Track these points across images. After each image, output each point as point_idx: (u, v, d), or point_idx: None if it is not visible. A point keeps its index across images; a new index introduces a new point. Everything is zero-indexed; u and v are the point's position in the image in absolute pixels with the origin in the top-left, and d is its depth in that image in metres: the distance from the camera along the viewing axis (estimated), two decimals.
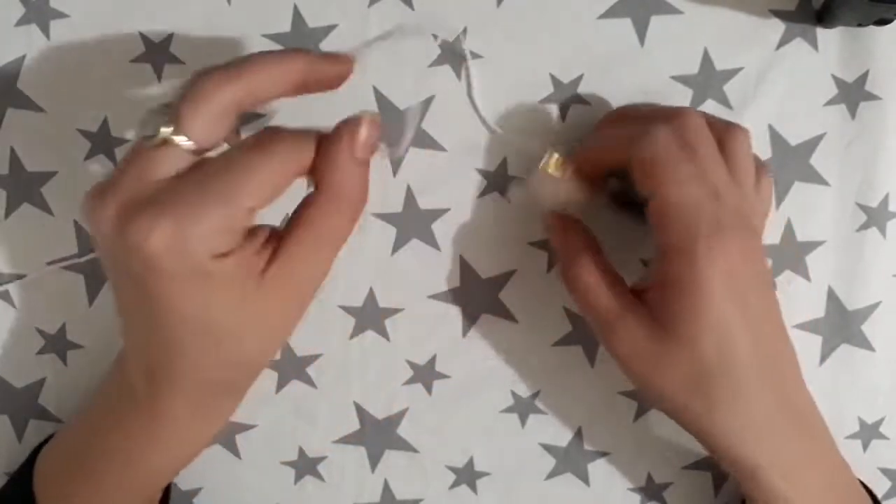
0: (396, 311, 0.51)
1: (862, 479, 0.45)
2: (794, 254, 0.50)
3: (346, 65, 0.37)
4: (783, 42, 0.48)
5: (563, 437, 0.53)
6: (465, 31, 0.49)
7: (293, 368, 0.52)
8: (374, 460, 0.54)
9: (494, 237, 0.50)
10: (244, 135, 0.50)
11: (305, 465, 0.54)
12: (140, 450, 0.39)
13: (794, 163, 0.49)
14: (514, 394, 0.52)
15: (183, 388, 0.36)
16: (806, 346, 0.51)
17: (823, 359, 0.51)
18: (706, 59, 0.49)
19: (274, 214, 0.51)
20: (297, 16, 0.50)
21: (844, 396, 0.51)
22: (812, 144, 0.49)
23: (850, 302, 0.50)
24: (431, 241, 0.51)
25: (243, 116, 0.50)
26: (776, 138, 0.49)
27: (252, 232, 0.35)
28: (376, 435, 0.53)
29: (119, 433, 0.39)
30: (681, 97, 0.49)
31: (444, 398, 0.52)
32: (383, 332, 0.52)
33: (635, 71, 0.49)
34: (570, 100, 0.49)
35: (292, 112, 0.50)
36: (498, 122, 0.49)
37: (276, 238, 0.36)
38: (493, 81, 0.49)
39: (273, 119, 0.50)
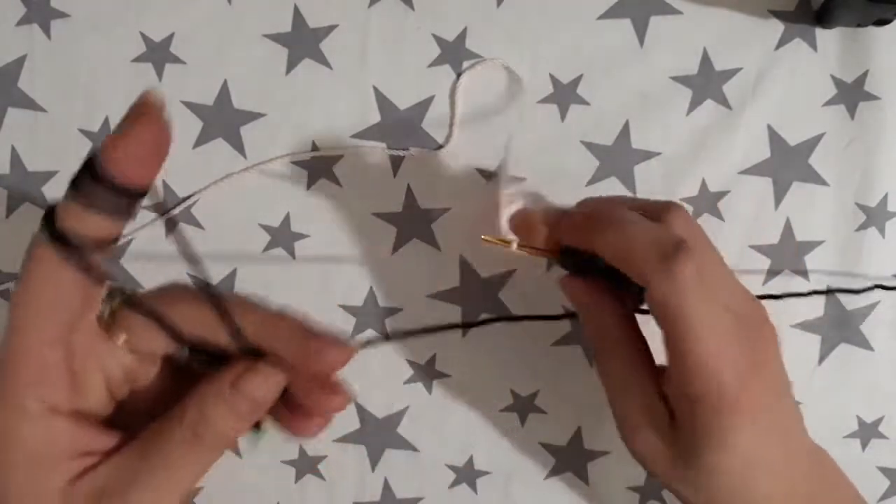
0: (396, 310, 0.52)
1: (860, 478, 0.45)
2: (793, 253, 0.50)
3: (339, 358, 0.29)
4: (782, 42, 0.49)
5: (562, 436, 0.53)
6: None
7: None
8: (374, 459, 0.54)
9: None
10: (244, 133, 0.50)
11: (306, 464, 0.54)
12: None
13: (793, 163, 0.49)
14: (513, 393, 0.52)
15: None
16: (805, 346, 0.51)
17: (822, 358, 0.51)
18: (705, 60, 0.49)
19: (274, 214, 0.52)
20: (298, 16, 0.50)
21: (843, 396, 0.51)
22: (811, 144, 0.49)
23: (849, 301, 0.51)
24: (431, 241, 0.51)
25: (245, 114, 0.50)
26: (775, 138, 0.49)
27: None
28: (376, 434, 0.53)
29: None
30: (680, 97, 0.49)
31: (444, 397, 0.52)
32: (383, 332, 0.52)
33: (635, 71, 0.49)
34: (570, 100, 0.49)
35: (291, 115, 0.50)
36: (497, 122, 0.49)
37: None
38: (493, 81, 0.49)
39: (272, 121, 0.50)
